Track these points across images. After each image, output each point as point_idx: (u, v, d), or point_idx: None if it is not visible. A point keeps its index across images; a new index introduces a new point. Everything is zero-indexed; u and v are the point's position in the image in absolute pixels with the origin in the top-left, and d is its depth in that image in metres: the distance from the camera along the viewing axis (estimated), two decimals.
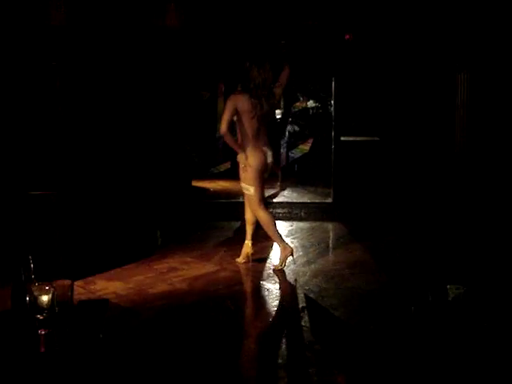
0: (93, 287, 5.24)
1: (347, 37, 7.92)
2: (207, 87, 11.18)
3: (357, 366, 3.76)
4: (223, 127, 5.58)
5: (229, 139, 5.69)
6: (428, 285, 4.78)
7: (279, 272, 5.71)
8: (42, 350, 2.83)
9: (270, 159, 5.72)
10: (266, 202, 6.00)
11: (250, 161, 5.66)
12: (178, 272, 5.75)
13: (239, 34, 6.05)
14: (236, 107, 5.62)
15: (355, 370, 3.72)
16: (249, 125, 5.65)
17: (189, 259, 6.15)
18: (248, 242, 5.99)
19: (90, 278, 5.44)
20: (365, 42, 8.01)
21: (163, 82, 7.92)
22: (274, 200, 9.14)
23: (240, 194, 6.51)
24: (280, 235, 5.86)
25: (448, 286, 3.49)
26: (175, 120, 8.28)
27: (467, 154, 7.45)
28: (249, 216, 5.95)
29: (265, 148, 5.70)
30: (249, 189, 5.71)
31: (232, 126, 5.82)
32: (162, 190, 7.92)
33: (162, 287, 5.29)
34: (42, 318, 2.88)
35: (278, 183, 10.41)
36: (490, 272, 5.07)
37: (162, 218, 7.76)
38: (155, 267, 5.90)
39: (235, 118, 5.76)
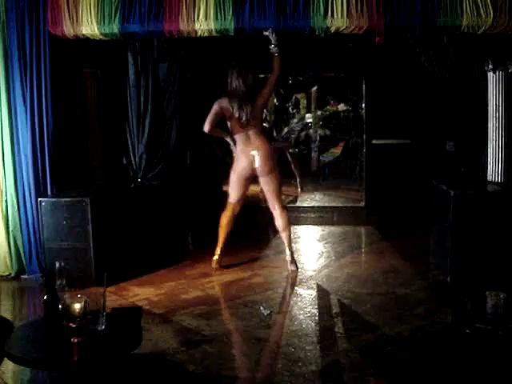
0: (125, 293, 5.25)
1: (377, 39, 7.84)
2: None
3: (392, 373, 3.69)
4: (205, 127, 5.70)
5: (214, 132, 5.80)
6: (466, 291, 4.69)
7: (312, 278, 5.66)
8: (75, 358, 2.82)
9: (257, 163, 5.68)
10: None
11: (234, 164, 5.80)
12: (209, 278, 5.74)
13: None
14: (221, 110, 5.66)
15: (391, 377, 3.66)
16: (234, 128, 5.72)
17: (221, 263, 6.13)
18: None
19: (123, 285, 5.45)
20: (395, 44, 7.92)
21: (191, 83, 7.89)
22: (303, 204, 9.11)
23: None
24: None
25: (487, 293, 3.39)
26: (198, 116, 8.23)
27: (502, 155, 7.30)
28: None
29: (253, 152, 5.68)
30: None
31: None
32: (193, 194, 7.91)
33: (194, 293, 5.28)
34: (74, 326, 2.88)
35: (298, 189, 10.34)
36: None
37: (194, 223, 7.76)
38: (187, 273, 5.90)
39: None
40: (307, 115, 13.61)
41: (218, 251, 6.00)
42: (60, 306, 2.99)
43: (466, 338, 3.42)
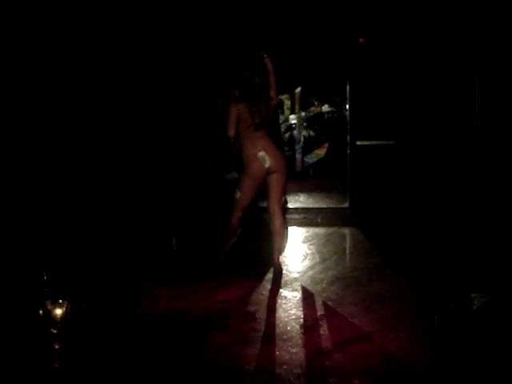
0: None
1: (361, 40, 7.85)
2: (221, 93, 11.14)
3: (377, 376, 3.68)
4: (229, 132, 5.70)
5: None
6: (451, 293, 4.68)
7: (296, 280, 5.64)
8: (57, 364, 2.78)
9: (267, 164, 5.67)
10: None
11: (245, 167, 5.75)
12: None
13: (250, 38, 6.03)
14: (238, 113, 5.66)
15: (376, 380, 3.64)
16: (243, 131, 5.69)
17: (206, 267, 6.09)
18: None
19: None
20: (379, 46, 7.94)
21: (175, 87, 7.93)
22: (289, 206, 9.09)
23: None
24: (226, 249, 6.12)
25: (473, 295, 3.39)
26: (190, 126, 8.28)
27: (487, 156, 7.33)
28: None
29: (261, 153, 5.66)
30: (236, 192, 5.81)
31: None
32: (176, 195, 7.93)
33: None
34: (55, 331, 2.83)
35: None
36: None
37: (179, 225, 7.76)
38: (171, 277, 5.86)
39: None
40: (291, 116, 13.63)
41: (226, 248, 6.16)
42: (41, 312, 2.95)
43: (452, 337, 3.41)
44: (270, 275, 5.78)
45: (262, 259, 6.25)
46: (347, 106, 8.88)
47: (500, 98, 7.21)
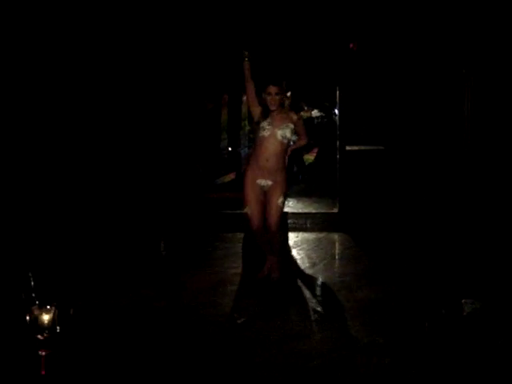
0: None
1: (351, 45, 7.85)
2: (211, 98, 11.12)
3: (366, 382, 3.65)
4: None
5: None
6: (441, 299, 4.67)
7: (285, 285, 5.62)
8: (43, 372, 2.74)
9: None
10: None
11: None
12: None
13: (239, 41, 6.01)
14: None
15: None
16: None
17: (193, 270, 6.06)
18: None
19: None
20: (369, 51, 7.94)
21: (165, 91, 7.92)
22: None
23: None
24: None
25: (463, 301, 3.38)
26: (179, 130, 8.26)
27: (477, 162, 7.35)
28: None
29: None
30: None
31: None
32: (164, 201, 7.91)
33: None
34: (42, 338, 2.79)
35: None
36: (508, 286, 4.96)
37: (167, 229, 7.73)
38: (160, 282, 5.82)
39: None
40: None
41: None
42: (28, 318, 2.90)
43: (442, 343, 3.40)
44: (259, 280, 5.76)
45: (255, 265, 6.23)
46: (337, 111, 8.87)
47: (489, 103, 7.24)
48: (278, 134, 5.49)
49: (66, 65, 7.24)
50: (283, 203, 5.63)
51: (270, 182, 5.55)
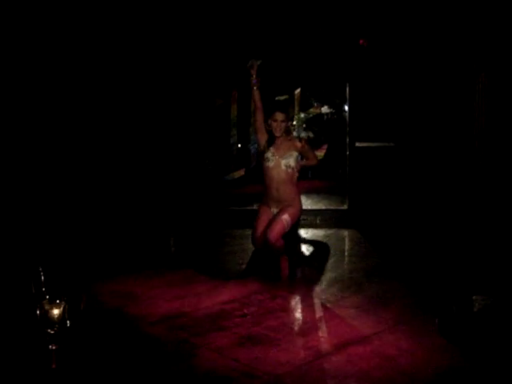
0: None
1: (361, 42, 7.83)
2: (220, 94, 11.12)
3: (376, 379, 3.64)
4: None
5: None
6: (452, 295, 4.65)
7: (295, 281, 5.61)
8: (54, 366, 2.74)
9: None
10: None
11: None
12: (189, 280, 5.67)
13: (251, 39, 6.00)
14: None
15: (375, 383, 3.61)
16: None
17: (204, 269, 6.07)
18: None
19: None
20: (379, 47, 7.91)
21: (175, 88, 7.94)
22: None
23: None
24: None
25: (474, 297, 3.36)
26: (189, 127, 8.27)
27: (487, 158, 7.31)
28: None
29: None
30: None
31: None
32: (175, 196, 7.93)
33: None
34: (52, 332, 2.80)
35: None
36: None
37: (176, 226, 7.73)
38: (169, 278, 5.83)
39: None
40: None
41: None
42: (38, 312, 2.91)
43: (453, 340, 3.38)
44: (269, 277, 5.76)
45: (262, 261, 6.23)
46: (346, 108, 8.86)
47: (500, 99, 7.19)
48: (281, 163, 5.60)
49: (74, 60, 7.25)
50: (287, 223, 5.55)
51: (281, 207, 5.63)
